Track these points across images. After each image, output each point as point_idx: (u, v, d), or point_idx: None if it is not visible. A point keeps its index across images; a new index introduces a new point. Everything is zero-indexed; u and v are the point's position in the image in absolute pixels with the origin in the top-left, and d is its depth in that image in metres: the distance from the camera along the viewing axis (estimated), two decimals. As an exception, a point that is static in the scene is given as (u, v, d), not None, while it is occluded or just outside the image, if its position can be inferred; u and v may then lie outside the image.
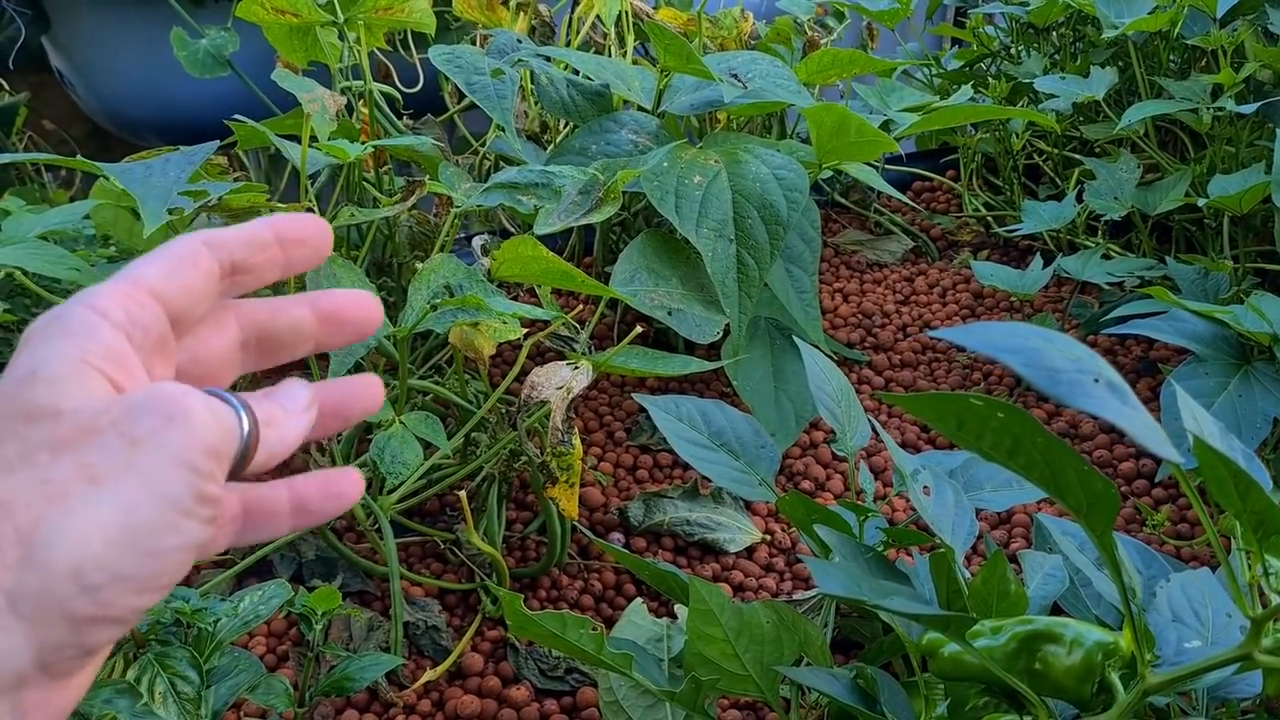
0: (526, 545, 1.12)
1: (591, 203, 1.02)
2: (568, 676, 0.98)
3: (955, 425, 0.59)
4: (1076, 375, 0.50)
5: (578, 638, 0.67)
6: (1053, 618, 0.64)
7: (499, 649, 1.01)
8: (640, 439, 1.25)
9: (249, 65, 1.77)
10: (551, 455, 0.91)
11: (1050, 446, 0.56)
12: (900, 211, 1.75)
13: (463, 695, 0.95)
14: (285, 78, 1.10)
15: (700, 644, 0.70)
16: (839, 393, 0.85)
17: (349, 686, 0.72)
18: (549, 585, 1.08)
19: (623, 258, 1.10)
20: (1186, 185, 1.30)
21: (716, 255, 1.10)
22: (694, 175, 1.13)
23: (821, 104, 1.16)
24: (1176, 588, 0.69)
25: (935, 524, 0.69)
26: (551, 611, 0.67)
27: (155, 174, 0.95)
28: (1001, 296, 1.49)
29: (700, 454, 0.84)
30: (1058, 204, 1.39)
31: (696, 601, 0.69)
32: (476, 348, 0.98)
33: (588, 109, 1.24)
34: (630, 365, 0.97)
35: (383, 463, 0.86)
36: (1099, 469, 0.58)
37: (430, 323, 0.89)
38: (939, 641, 0.66)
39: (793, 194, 1.12)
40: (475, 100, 1.13)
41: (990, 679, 0.65)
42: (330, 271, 0.85)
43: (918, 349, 1.42)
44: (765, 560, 1.10)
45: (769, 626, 0.71)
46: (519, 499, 1.18)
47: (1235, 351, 1.05)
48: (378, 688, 0.96)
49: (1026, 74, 1.59)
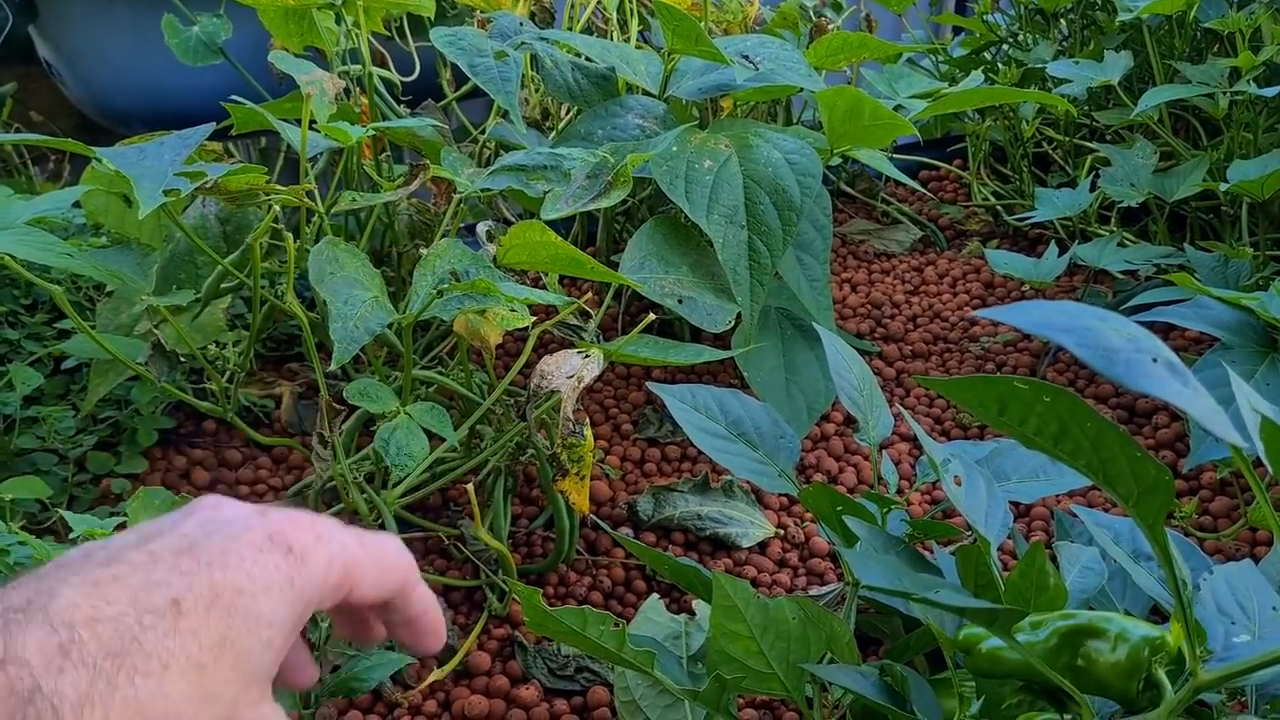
0: (533, 541, 1.09)
1: (600, 187, 0.99)
2: (578, 676, 0.94)
3: (998, 410, 0.56)
4: (1134, 355, 0.48)
5: (598, 634, 0.64)
6: (1096, 612, 0.61)
7: (506, 647, 0.98)
8: (648, 432, 1.22)
9: (241, 53, 1.74)
10: (562, 447, 0.88)
11: (1100, 431, 0.53)
12: (908, 201, 1.72)
13: (470, 695, 0.92)
14: (282, 59, 1.07)
15: (724, 641, 0.67)
16: (861, 381, 0.82)
17: (357, 688, 0.69)
18: (556, 582, 1.05)
19: (631, 244, 1.07)
20: (1204, 171, 1.27)
21: (728, 242, 1.07)
22: (704, 160, 1.10)
23: (834, 87, 1.13)
24: (1220, 580, 0.66)
25: (968, 514, 0.66)
26: (572, 607, 0.64)
27: (149, 157, 0.92)
28: (1013, 286, 1.47)
29: (718, 445, 0.81)
30: (1072, 191, 1.37)
31: (720, 597, 0.66)
32: (482, 336, 0.95)
33: (593, 93, 1.21)
34: (641, 354, 0.94)
35: (388, 455, 0.83)
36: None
37: (436, 310, 0.86)
38: (976, 637, 0.63)
39: (805, 179, 1.09)
40: (479, 83, 1.10)
41: (1030, 676, 0.62)
42: (333, 256, 0.82)
43: (929, 339, 1.39)
44: (779, 555, 1.07)
45: (795, 623, 0.68)
46: (524, 494, 1.15)
47: (1262, 339, 1.02)
48: (382, 688, 0.92)
49: (1036, 60, 1.56)
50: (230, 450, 1.18)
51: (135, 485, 1.10)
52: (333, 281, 0.79)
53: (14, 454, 1.06)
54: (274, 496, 1.15)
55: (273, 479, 1.16)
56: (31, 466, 1.07)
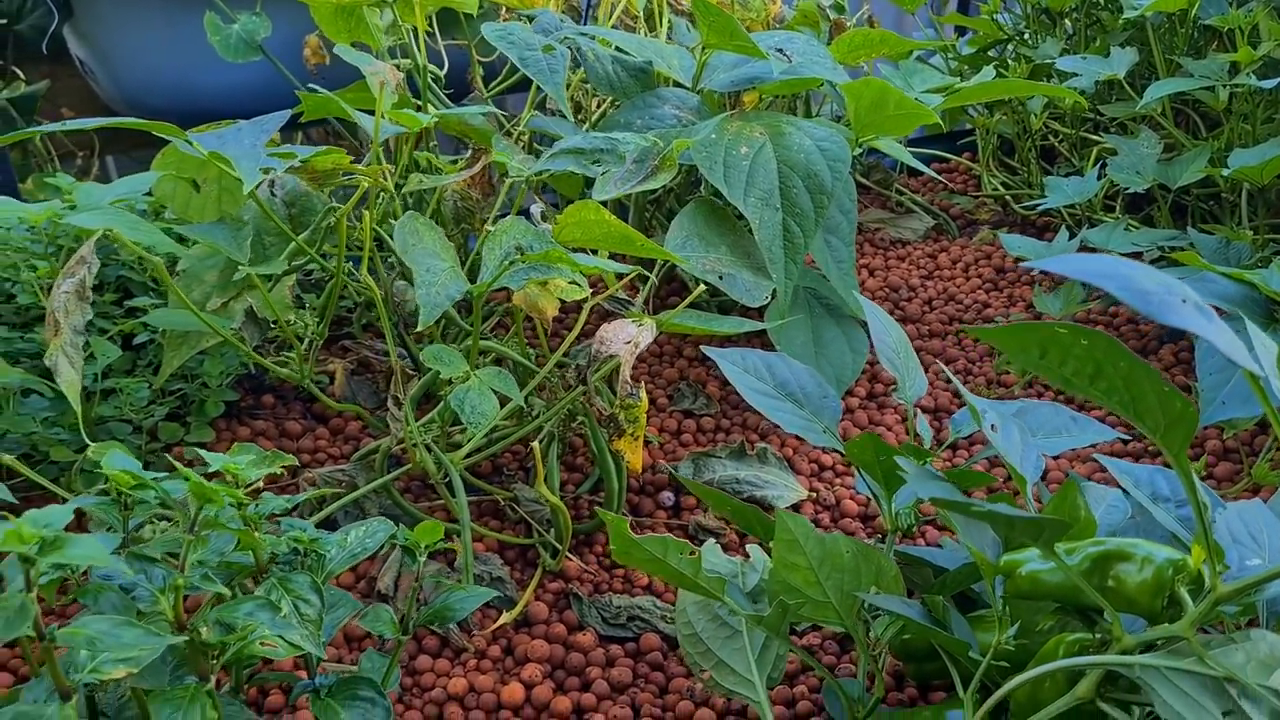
0: (580, 505, 1.16)
1: (647, 170, 1.06)
2: (630, 624, 1.01)
3: (1039, 354, 0.63)
4: (1166, 296, 0.55)
5: (678, 561, 0.71)
6: (1123, 538, 0.69)
7: (561, 600, 1.05)
8: (683, 404, 1.29)
9: (277, 50, 1.80)
10: (620, 408, 0.95)
11: (1132, 369, 0.60)
12: (920, 191, 1.80)
13: (531, 640, 0.99)
14: (347, 52, 1.14)
15: (785, 572, 0.74)
16: (899, 345, 0.89)
17: (450, 615, 0.76)
18: (604, 541, 1.12)
19: (674, 225, 1.14)
20: (1206, 159, 1.35)
21: (764, 223, 1.14)
22: (741, 146, 1.17)
23: (860, 79, 1.20)
24: (1233, 515, 0.73)
25: (1006, 455, 0.73)
26: (654, 535, 0.71)
27: (230, 141, 0.99)
28: (1023, 270, 1.54)
29: (768, 403, 0.88)
30: (1080, 179, 1.44)
31: (782, 531, 0.73)
32: (540, 309, 1.02)
33: (631, 85, 1.28)
34: (689, 324, 1.01)
35: (463, 413, 0.89)
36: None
37: (505, 280, 0.93)
38: (1016, 562, 0.70)
39: (836, 164, 1.16)
40: (529, 74, 1.17)
41: (1064, 596, 0.69)
42: (414, 229, 0.89)
43: (944, 320, 1.47)
44: (811, 516, 1.14)
45: (848, 556, 0.75)
46: (569, 462, 1.22)
47: (1263, 311, 1.10)
48: (449, 634, 1.00)
49: (1043, 57, 1.64)
50: (290, 422, 1.25)
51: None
52: (415, 252, 0.86)
53: (94, 422, 1.12)
54: (332, 465, 1.21)
55: (331, 449, 1.23)
56: (108, 434, 1.14)
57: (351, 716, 0.70)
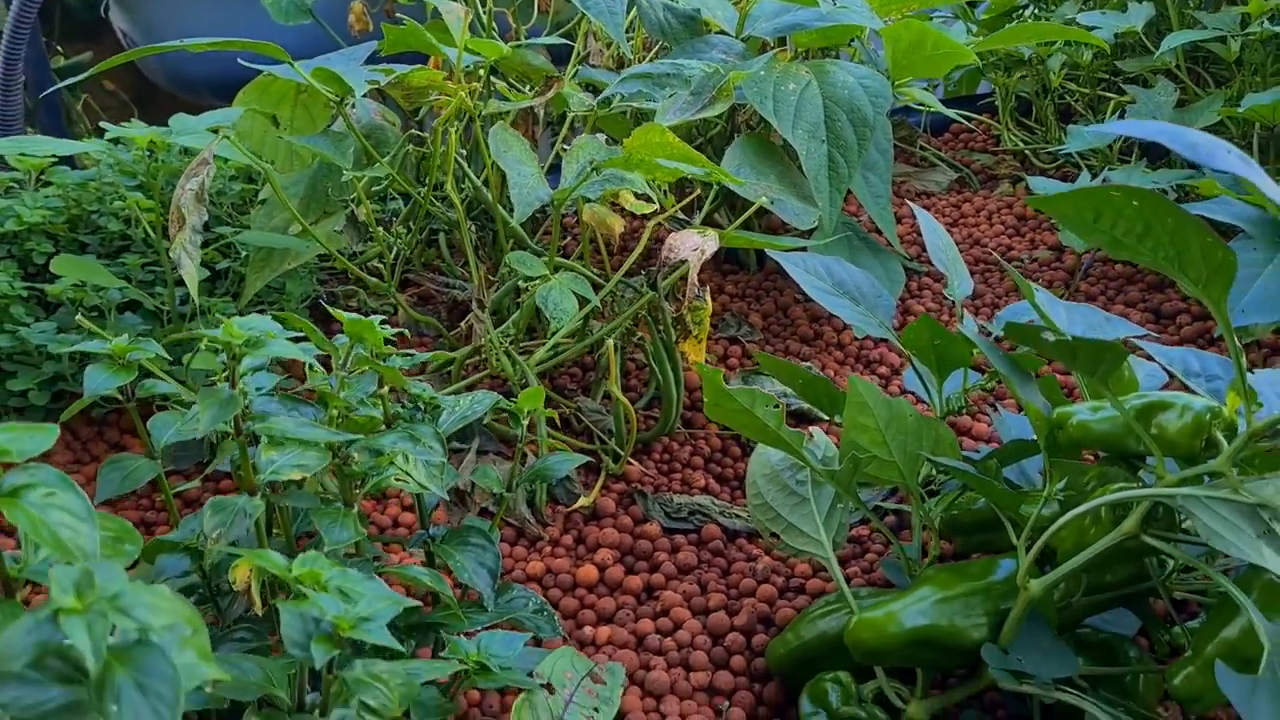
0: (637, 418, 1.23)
1: (705, 100, 1.14)
2: (691, 518, 1.09)
3: (1093, 217, 0.71)
4: (1214, 146, 0.63)
5: (764, 413, 0.78)
6: (1163, 392, 0.76)
7: (625, 498, 1.13)
8: (729, 331, 1.37)
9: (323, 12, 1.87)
10: (687, 309, 1.03)
11: (1179, 223, 0.68)
12: (942, 149, 1.88)
13: (601, 530, 1.07)
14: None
15: (855, 432, 0.82)
16: (947, 246, 0.97)
17: (549, 474, 0.84)
18: (661, 450, 1.19)
19: (728, 155, 1.22)
20: (1220, 105, 1.43)
21: (810, 154, 1.22)
22: (788, 83, 1.25)
23: (898, 22, 1.28)
24: (1263, 379, 0.81)
25: (1055, 322, 0.81)
26: (743, 387, 0.79)
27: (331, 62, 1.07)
28: (1044, 218, 1.62)
29: (830, 299, 0.96)
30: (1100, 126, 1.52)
31: (853, 395, 0.81)
32: (609, 225, 1.10)
33: (681, 31, 1.36)
34: (749, 237, 1.09)
35: (547, 309, 0.97)
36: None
37: (584, 190, 1.01)
38: (1067, 414, 0.78)
39: (877, 100, 1.24)
40: (590, 15, 1.25)
41: (1111, 443, 0.77)
42: (505, 138, 0.97)
43: (971, 262, 1.55)
44: (855, 428, 1.22)
45: (911, 419, 0.83)
46: (624, 384, 1.29)
47: (1276, 233, 1.18)
48: (524, 524, 1.07)
49: (1060, 17, 1.72)
50: (360, 346, 1.33)
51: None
52: (507, 158, 0.94)
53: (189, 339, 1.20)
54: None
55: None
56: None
57: (466, 557, 0.78)
